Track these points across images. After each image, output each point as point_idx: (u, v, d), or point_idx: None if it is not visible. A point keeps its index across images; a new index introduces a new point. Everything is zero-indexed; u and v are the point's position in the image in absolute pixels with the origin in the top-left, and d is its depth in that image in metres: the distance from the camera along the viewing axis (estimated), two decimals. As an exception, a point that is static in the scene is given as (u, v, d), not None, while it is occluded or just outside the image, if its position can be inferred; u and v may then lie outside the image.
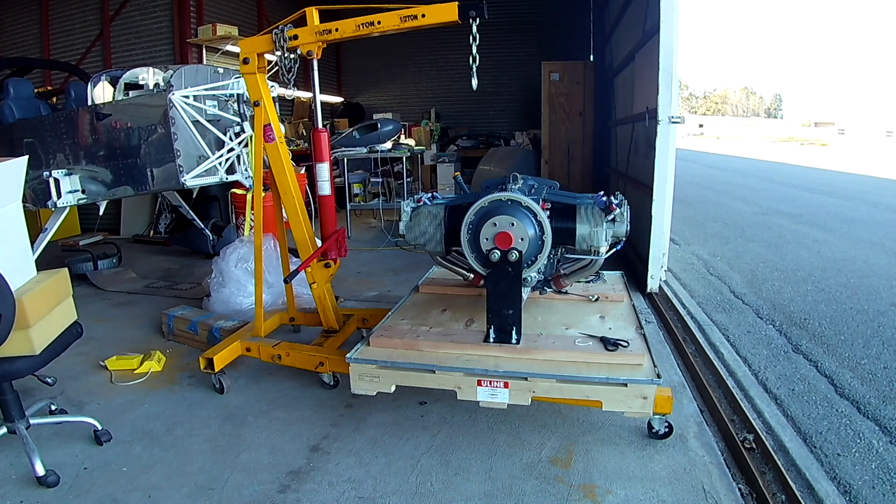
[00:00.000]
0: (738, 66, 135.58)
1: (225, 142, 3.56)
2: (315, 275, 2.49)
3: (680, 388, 2.41)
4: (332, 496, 1.76)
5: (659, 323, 3.24)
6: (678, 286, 3.93)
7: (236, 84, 3.58)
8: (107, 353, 2.77)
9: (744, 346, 2.93)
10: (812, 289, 3.86)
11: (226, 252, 3.35)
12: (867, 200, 8.22)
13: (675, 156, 3.47)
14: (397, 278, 4.17)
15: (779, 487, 1.77)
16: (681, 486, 1.77)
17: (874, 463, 1.93)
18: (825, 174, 13.07)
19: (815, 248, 5.13)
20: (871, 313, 3.34)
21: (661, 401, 1.91)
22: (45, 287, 1.88)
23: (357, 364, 2.04)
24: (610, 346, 2.06)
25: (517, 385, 1.87)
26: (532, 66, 6.84)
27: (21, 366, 1.78)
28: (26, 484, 1.83)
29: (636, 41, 4.52)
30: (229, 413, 2.29)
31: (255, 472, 1.89)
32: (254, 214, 3.45)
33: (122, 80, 3.60)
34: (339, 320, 2.68)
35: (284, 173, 2.41)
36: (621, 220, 2.11)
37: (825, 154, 21.31)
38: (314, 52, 2.22)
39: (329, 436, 2.10)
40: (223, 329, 2.82)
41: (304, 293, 3.12)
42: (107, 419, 2.15)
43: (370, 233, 5.99)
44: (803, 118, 40.55)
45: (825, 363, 2.69)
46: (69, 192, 3.51)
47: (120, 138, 3.43)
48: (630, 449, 1.97)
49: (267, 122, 2.36)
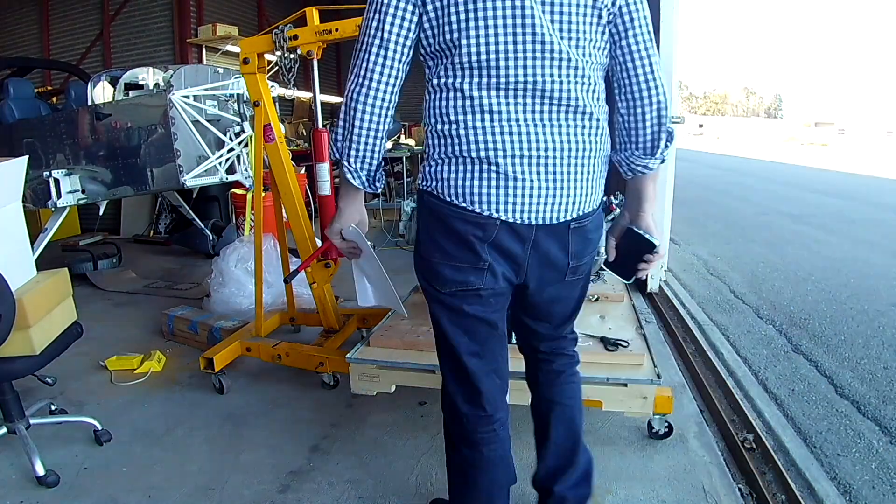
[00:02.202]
0: (738, 66, 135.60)
1: (225, 142, 3.56)
2: (315, 275, 2.49)
3: (680, 388, 2.41)
4: (332, 496, 1.76)
5: (659, 323, 3.24)
6: (678, 286, 3.93)
7: (236, 84, 3.58)
8: (107, 353, 2.77)
9: (744, 346, 2.93)
10: (812, 289, 3.86)
11: (226, 252, 3.35)
12: (867, 200, 8.22)
13: (675, 156, 3.47)
14: (397, 278, 4.12)
15: (779, 487, 1.77)
16: (681, 486, 1.77)
17: (874, 463, 1.93)
18: (825, 174, 13.08)
19: (816, 248, 5.13)
20: (871, 313, 3.34)
21: (661, 401, 1.90)
22: (45, 287, 1.88)
23: (357, 364, 2.04)
24: (610, 346, 2.06)
25: (517, 385, 1.87)
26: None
27: (21, 366, 1.78)
28: (26, 484, 1.82)
29: (636, 41, 4.52)
30: (229, 413, 2.29)
31: (256, 472, 1.89)
32: (254, 214, 3.45)
33: (122, 80, 3.60)
34: (339, 320, 2.68)
35: (284, 173, 2.41)
36: (621, 220, 2.10)
37: (825, 154, 21.32)
38: (314, 52, 2.22)
39: (329, 436, 2.10)
40: (223, 329, 2.81)
41: (304, 293, 3.11)
42: (107, 419, 2.15)
43: (370, 233, 5.96)
44: (803, 118, 40.56)
45: (825, 363, 2.69)
46: (69, 192, 3.50)
47: (120, 138, 3.43)
48: (630, 449, 1.97)
49: (267, 122, 2.35)
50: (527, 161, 1.06)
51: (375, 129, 1.10)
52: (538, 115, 1.06)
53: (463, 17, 1.02)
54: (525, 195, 1.07)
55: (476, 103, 1.06)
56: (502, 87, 1.04)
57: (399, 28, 1.05)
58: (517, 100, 1.05)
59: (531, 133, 1.06)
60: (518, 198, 1.07)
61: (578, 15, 1.03)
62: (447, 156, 1.09)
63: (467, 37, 1.03)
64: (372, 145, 1.11)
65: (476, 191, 1.07)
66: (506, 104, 1.05)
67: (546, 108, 1.06)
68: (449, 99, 1.08)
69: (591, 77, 1.08)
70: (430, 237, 1.15)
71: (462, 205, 1.08)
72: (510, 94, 1.05)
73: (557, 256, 1.15)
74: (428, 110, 1.12)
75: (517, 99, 1.05)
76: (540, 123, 1.06)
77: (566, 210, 1.10)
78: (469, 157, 1.07)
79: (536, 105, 1.06)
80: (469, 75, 1.05)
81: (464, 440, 1.30)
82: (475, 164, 1.07)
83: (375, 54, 1.06)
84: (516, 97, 1.05)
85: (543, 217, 1.09)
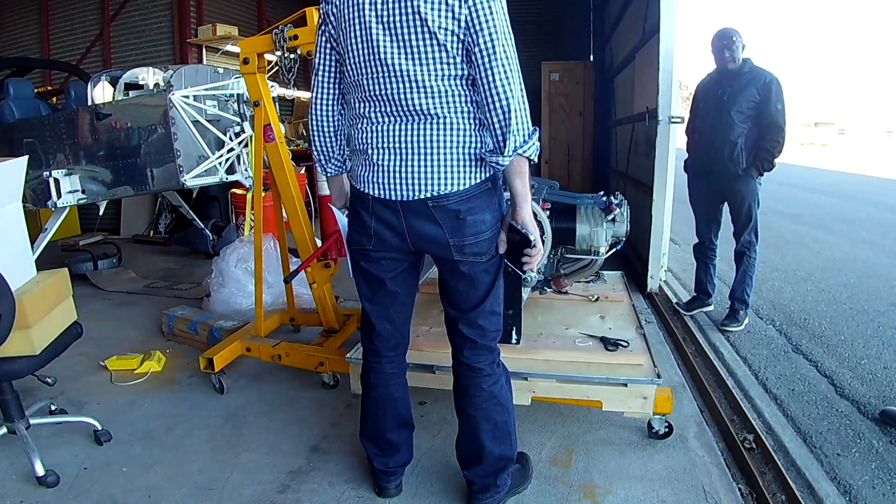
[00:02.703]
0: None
1: (225, 142, 3.56)
2: (315, 275, 2.49)
3: (680, 388, 2.41)
4: (332, 496, 1.76)
5: (659, 323, 3.24)
6: (678, 286, 3.94)
7: (236, 84, 3.57)
8: (107, 353, 2.77)
9: (744, 346, 2.93)
10: (812, 289, 3.86)
11: (226, 252, 3.35)
12: (867, 200, 8.22)
13: (675, 156, 3.47)
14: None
15: (779, 487, 1.77)
16: (681, 486, 1.77)
17: (874, 463, 1.93)
18: (825, 174, 13.09)
19: (815, 248, 5.13)
20: (871, 313, 3.34)
21: (661, 401, 1.91)
22: (45, 287, 1.88)
23: (357, 364, 2.04)
24: (610, 346, 2.06)
25: (517, 385, 1.87)
26: (532, 66, 6.84)
27: (21, 366, 1.78)
28: (26, 484, 1.83)
29: (636, 41, 4.52)
30: (229, 413, 2.29)
31: (255, 472, 1.89)
32: (254, 214, 3.46)
33: (122, 80, 3.60)
34: (339, 320, 2.68)
35: (284, 173, 2.41)
36: (621, 220, 2.11)
37: (825, 154, 21.32)
38: (314, 53, 2.21)
39: (329, 436, 2.10)
40: (223, 329, 2.81)
41: (304, 293, 3.11)
42: (107, 419, 2.15)
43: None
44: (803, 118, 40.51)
45: (825, 363, 2.69)
46: (69, 192, 3.50)
47: (120, 138, 3.43)
48: (630, 449, 1.97)
49: (267, 122, 2.36)
50: (387, 152, 1.39)
51: (325, 130, 1.54)
52: (394, 118, 1.37)
53: (344, 49, 1.39)
54: (386, 177, 1.39)
55: (357, 112, 1.43)
56: (368, 99, 1.39)
57: (324, 59, 1.47)
58: (378, 107, 1.38)
59: (389, 131, 1.38)
60: (381, 179, 1.40)
61: (418, 40, 1.28)
62: (351, 149, 1.51)
63: (347, 63, 1.40)
64: (326, 141, 1.55)
65: (359, 173, 1.46)
66: (372, 111, 1.39)
67: (398, 112, 1.36)
68: (349, 108, 1.48)
69: (436, 86, 1.32)
70: (350, 210, 1.55)
71: (356, 186, 1.48)
72: (374, 104, 1.38)
73: (431, 230, 1.40)
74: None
75: (378, 107, 1.38)
76: (395, 124, 1.37)
77: (419, 189, 1.37)
78: (357, 150, 1.46)
79: (392, 110, 1.36)
80: (352, 91, 1.43)
81: (363, 366, 1.71)
82: (359, 155, 1.46)
83: (316, 81, 1.50)
84: (378, 106, 1.38)
85: (401, 194, 1.38)
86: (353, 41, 1.35)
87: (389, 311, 1.60)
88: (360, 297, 1.62)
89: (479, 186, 1.39)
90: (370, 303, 1.59)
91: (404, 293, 1.59)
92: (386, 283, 1.54)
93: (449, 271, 1.49)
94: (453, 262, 1.44)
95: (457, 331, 1.56)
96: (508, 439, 1.62)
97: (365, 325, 1.65)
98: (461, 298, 1.51)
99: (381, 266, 1.52)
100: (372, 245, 1.48)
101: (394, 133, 1.37)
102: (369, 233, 1.46)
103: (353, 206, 1.51)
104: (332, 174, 1.62)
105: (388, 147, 1.38)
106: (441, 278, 1.55)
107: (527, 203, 1.38)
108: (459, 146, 1.36)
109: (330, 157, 1.58)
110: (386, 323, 1.61)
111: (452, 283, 1.50)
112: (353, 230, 1.53)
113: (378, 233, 1.45)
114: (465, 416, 1.62)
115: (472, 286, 1.48)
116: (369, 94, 1.37)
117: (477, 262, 1.44)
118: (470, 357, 1.56)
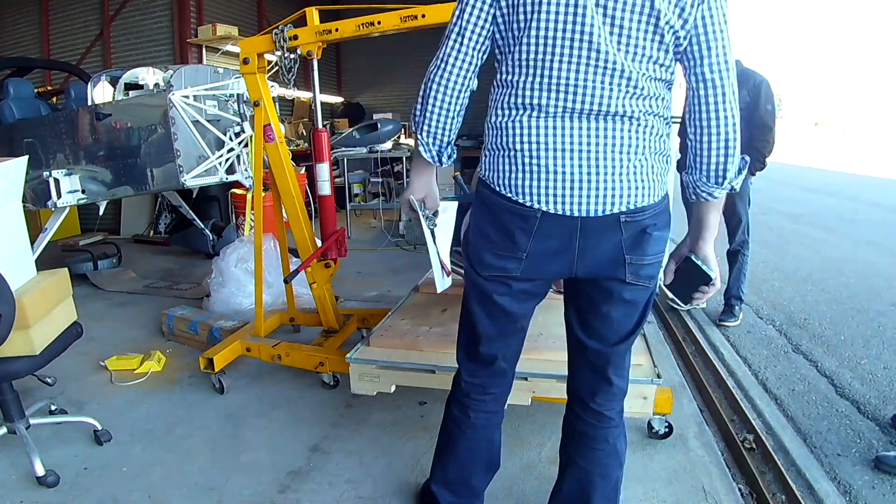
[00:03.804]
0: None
1: (225, 142, 3.56)
2: (315, 275, 2.49)
3: (680, 388, 2.41)
4: (332, 496, 1.76)
5: (659, 322, 3.24)
6: (678, 286, 3.93)
7: (236, 84, 3.57)
8: (107, 353, 2.77)
9: (744, 346, 2.93)
10: (812, 289, 3.86)
11: (226, 252, 3.35)
12: (867, 200, 8.22)
13: (675, 156, 3.47)
14: (397, 278, 4.17)
15: (779, 487, 1.77)
16: (681, 486, 1.77)
17: (874, 463, 1.92)
18: (825, 174, 13.09)
19: (816, 248, 5.13)
20: (871, 313, 3.34)
21: (661, 401, 1.91)
22: (45, 287, 1.88)
23: (357, 364, 2.04)
24: (610, 346, 2.05)
25: (517, 385, 1.85)
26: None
27: (21, 366, 1.78)
28: (26, 484, 1.82)
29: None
30: (229, 413, 2.29)
31: (256, 472, 1.89)
32: (254, 214, 3.45)
33: (122, 80, 3.59)
34: (339, 320, 2.68)
35: (284, 173, 2.41)
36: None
37: (825, 154, 21.31)
38: (314, 52, 2.22)
39: (329, 436, 2.10)
40: (223, 329, 2.81)
41: (304, 293, 3.11)
42: (107, 419, 2.15)
43: (370, 233, 5.99)
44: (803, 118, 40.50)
45: (825, 363, 2.70)
46: (69, 192, 3.50)
47: (120, 138, 3.43)
48: (630, 449, 1.95)
49: (267, 122, 2.36)
50: (568, 155, 1.11)
51: (448, 108, 1.19)
52: (585, 116, 1.11)
53: (528, 17, 1.09)
54: (567, 187, 1.11)
55: (526, 101, 1.13)
56: (553, 88, 1.10)
57: (476, 18, 1.14)
58: (563, 100, 1.10)
59: (574, 129, 1.11)
60: (559, 189, 1.12)
61: (639, 31, 1.06)
62: (496, 147, 1.17)
63: (528, 36, 1.09)
64: (444, 122, 1.21)
65: (520, 182, 1.14)
66: (552, 102, 1.11)
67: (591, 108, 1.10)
68: (505, 95, 1.16)
69: (646, 88, 1.10)
70: (480, 224, 1.23)
71: (507, 195, 1.15)
72: (558, 94, 1.10)
73: (609, 250, 1.16)
74: (489, 104, 1.21)
75: (564, 100, 1.10)
76: (585, 122, 1.11)
77: (613, 202, 1.12)
78: (508, 149, 1.15)
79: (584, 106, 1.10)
80: (524, 73, 1.12)
81: (457, 402, 1.44)
82: (519, 156, 1.14)
83: (454, 41, 1.16)
84: (564, 98, 1.10)
85: (588, 209, 1.12)
86: (547, 12, 1.06)
87: (512, 348, 1.36)
88: (472, 328, 1.32)
89: (666, 198, 1.19)
90: (489, 341, 1.32)
91: (528, 325, 1.36)
92: (518, 319, 1.30)
93: (605, 297, 1.23)
94: (620, 286, 1.20)
95: (595, 369, 1.32)
96: (616, 498, 1.41)
97: (471, 359, 1.39)
98: (611, 329, 1.26)
99: (518, 299, 1.25)
100: (520, 272, 1.19)
101: (581, 133, 1.11)
102: (519, 256, 1.17)
103: (492, 221, 1.19)
104: (443, 165, 1.28)
105: (573, 150, 1.11)
106: (581, 307, 1.29)
107: (713, 238, 1.21)
108: (658, 153, 1.15)
109: (445, 142, 1.24)
110: (504, 363, 1.38)
111: (605, 310, 1.24)
112: (487, 251, 1.21)
113: (536, 255, 1.17)
114: (576, 468, 1.39)
115: (627, 314, 1.25)
116: (555, 82, 1.09)
117: (645, 288, 1.23)
118: (603, 404, 1.33)
